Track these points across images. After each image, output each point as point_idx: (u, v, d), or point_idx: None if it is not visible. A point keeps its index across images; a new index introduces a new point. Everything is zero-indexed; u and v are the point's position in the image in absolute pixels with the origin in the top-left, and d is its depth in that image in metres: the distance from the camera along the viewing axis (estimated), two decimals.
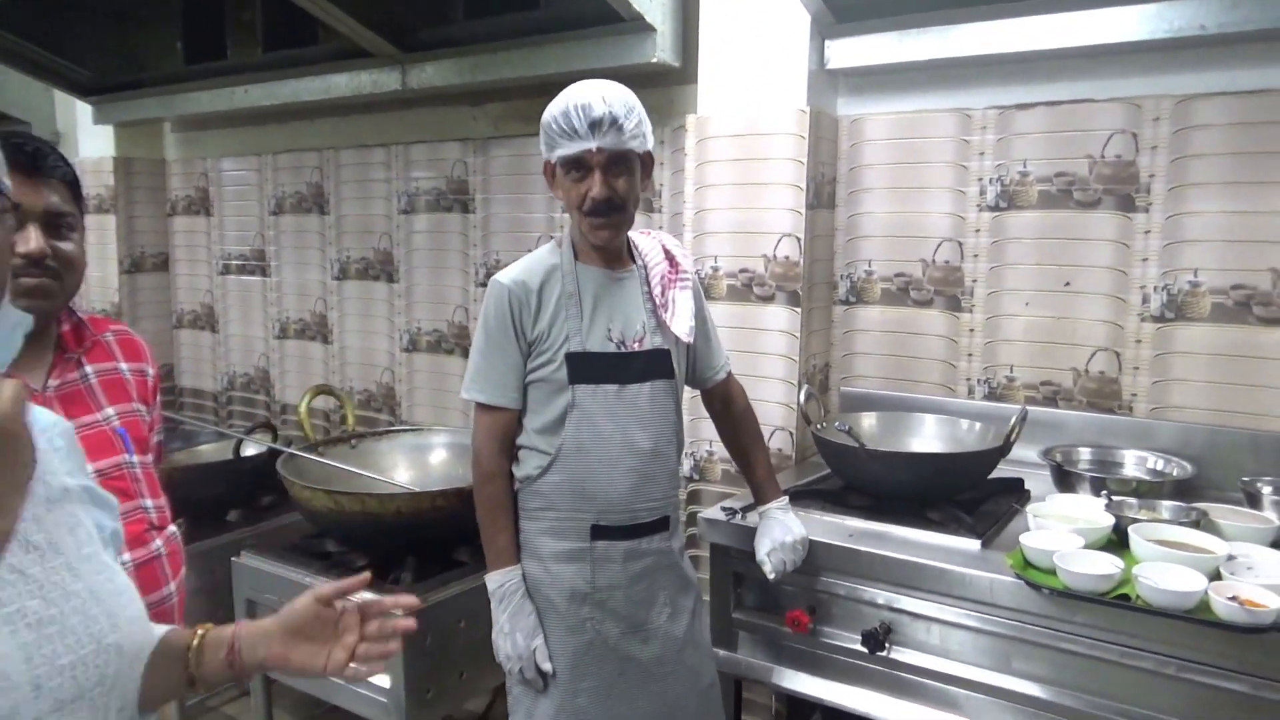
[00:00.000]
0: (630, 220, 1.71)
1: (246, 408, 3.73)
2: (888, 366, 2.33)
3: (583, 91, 1.62)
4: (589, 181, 1.62)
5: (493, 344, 1.69)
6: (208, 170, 3.74)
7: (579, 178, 1.63)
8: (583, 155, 1.60)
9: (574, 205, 1.65)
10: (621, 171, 1.63)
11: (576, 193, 1.63)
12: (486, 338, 1.70)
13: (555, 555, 1.68)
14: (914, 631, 1.66)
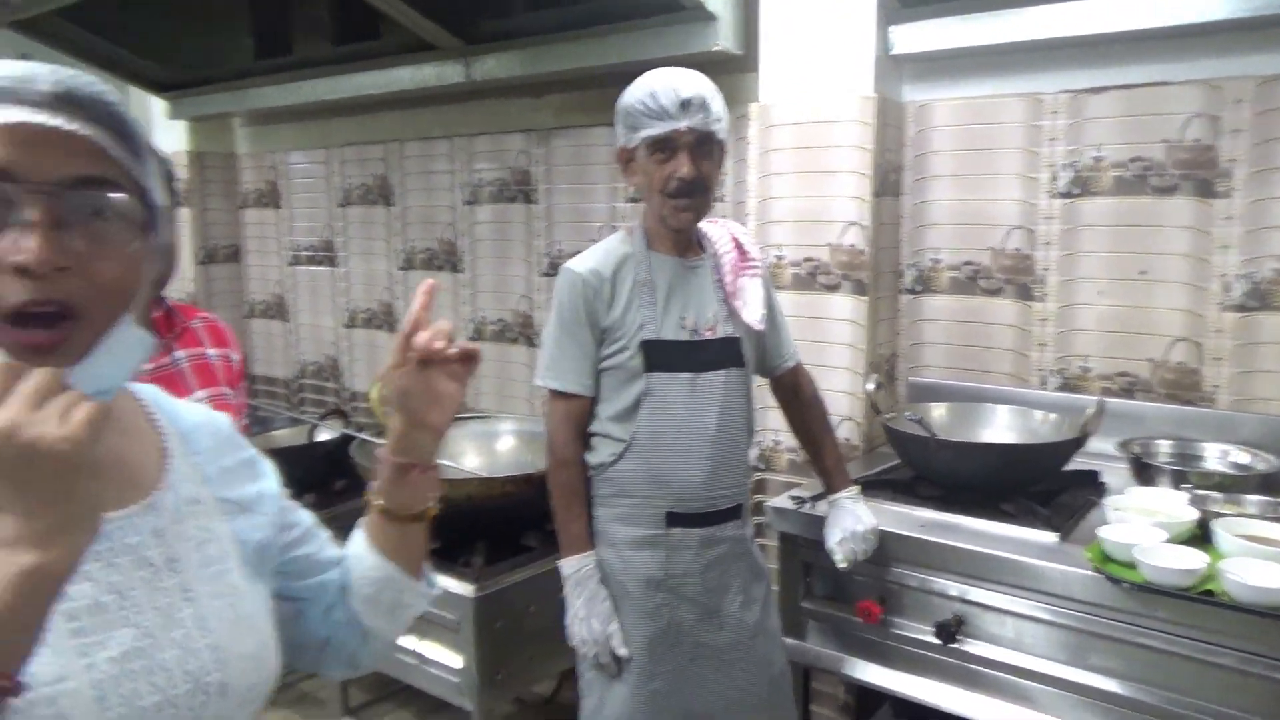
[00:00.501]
0: (710, 206, 1.72)
1: (317, 395, 3.83)
2: (956, 356, 2.31)
3: (668, 74, 1.64)
4: (675, 162, 1.63)
5: (566, 331, 1.71)
6: (277, 164, 3.82)
7: (664, 159, 1.64)
8: (671, 135, 1.61)
9: (656, 188, 1.65)
10: (706, 154, 1.65)
11: (661, 174, 1.64)
12: (560, 325, 1.72)
13: (629, 542, 1.70)
14: (987, 624, 1.65)
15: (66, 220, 0.68)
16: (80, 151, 0.70)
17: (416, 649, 2.20)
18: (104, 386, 0.68)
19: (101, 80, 0.73)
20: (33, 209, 0.66)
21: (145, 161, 0.75)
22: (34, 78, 0.69)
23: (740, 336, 1.75)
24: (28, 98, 0.68)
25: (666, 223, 1.70)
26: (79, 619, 0.70)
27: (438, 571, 2.20)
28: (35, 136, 0.68)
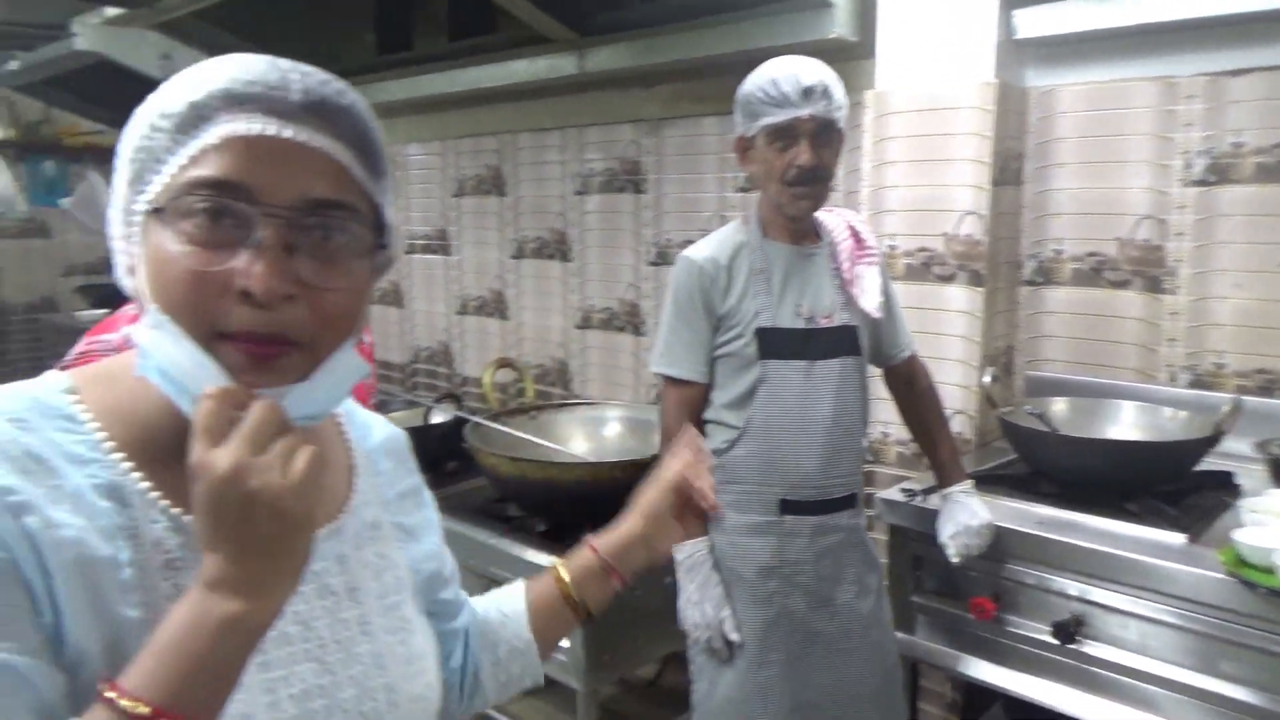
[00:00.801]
0: (827, 194, 1.71)
1: (429, 379, 3.96)
2: (1077, 350, 2.23)
3: (790, 62, 1.64)
4: (795, 150, 1.63)
5: (682, 319, 1.73)
6: (395, 155, 3.96)
7: (784, 147, 1.64)
8: (793, 122, 1.61)
9: (776, 176, 1.66)
10: (827, 142, 1.65)
11: (781, 162, 1.64)
12: (676, 313, 1.74)
13: (742, 528, 1.71)
14: (1108, 625, 1.60)
15: (297, 244, 0.64)
16: (321, 171, 0.66)
17: None
18: (316, 411, 0.67)
19: (350, 88, 0.70)
20: (265, 232, 0.63)
21: (384, 179, 0.71)
22: (285, 84, 0.65)
23: (857, 325, 1.74)
24: (277, 106, 0.64)
25: (784, 211, 1.70)
26: (265, 651, 0.67)
27: (547, 552, 2.27)
28: (277, 151, 0.64)
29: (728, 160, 2.79)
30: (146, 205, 0.65)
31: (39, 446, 0.62)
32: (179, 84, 0.66)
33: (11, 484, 0.59)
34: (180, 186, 0.63)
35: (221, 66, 0.66)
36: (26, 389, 0.66)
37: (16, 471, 0.60)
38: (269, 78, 0.65)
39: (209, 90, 0.64)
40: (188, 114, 0.64)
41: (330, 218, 0.66)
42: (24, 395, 0.66)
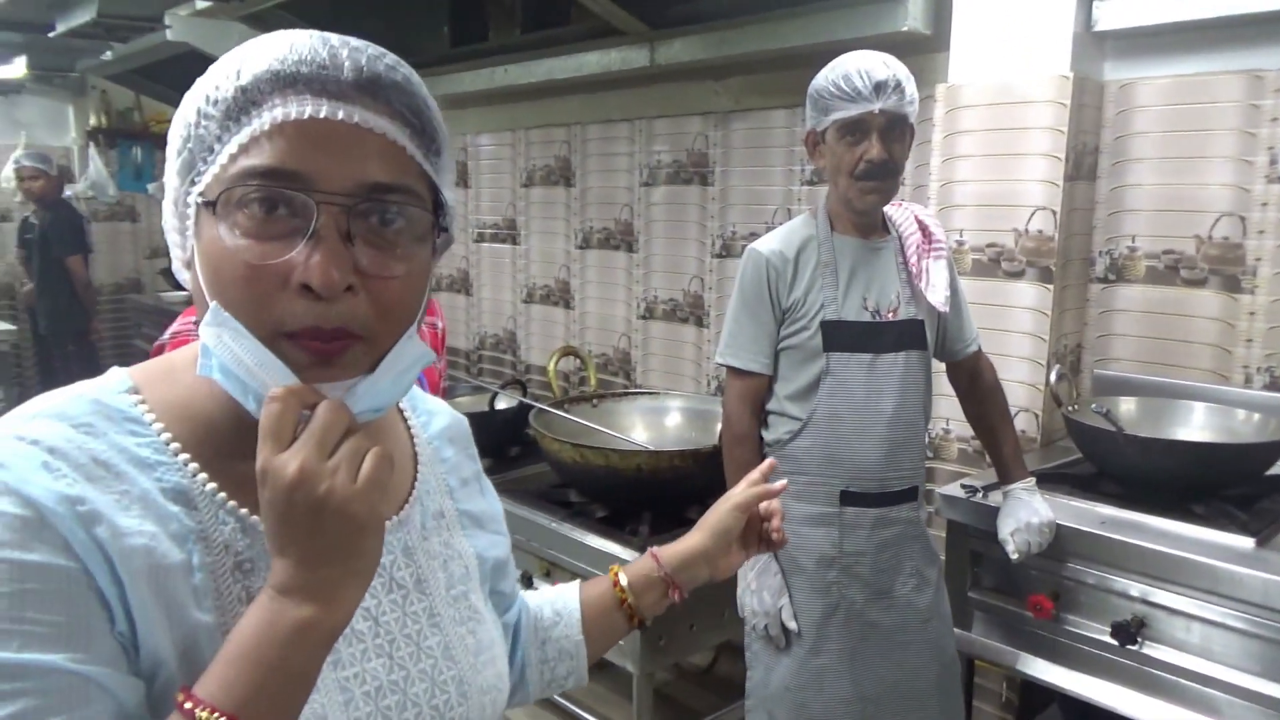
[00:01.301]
0: (896, 189, 1.72)
1: (494, 366, 4.03)
2: (1149, 349, 2.19)
3: (862, 56, 1.65)
4: (865, 145, 1.63)
5: (748, 310, 1.75)
6: (466, 145, 4.04)
7: (854, 141, 1.64)
8: (864, 117, 1.62)
9: (845, 170, 1.66)
10: (898, 137, 1.65)
11: (851, 156, 1.65)
12: (743, 304, 1.76)
13: (803, 519, 1.73)
14: (1171, 628, 1.57)
15: (354, 232, 0.61)
16: (378, 153, 0.63)
17: None
18: (381, 404, 0.65)
19: (401, 62, 0.67)
20: (322, 220, 0.60)
21: (441, 156, 0.68)
22: (336, 62, 0.62)
23: (923, 319, 1.74)
24: (329, 86, 0.61)
25: (852, 205, 1.70)
26: (337, 650, 0.66)
27: (606, 538, 2.30)
28: (330, 134, 0.61)
29: (795, 153, 2.79)
30: (199, 197, 0.62)
31: (105, 452, 0.61)
32: (225, 68, 0.63)
33: (81, 493, 0.57)
34: (232, 177, 0.60)
35: (268, 46, 0.63)
36: (89, 391, 0.65)
37: (85, 479, 0.58)
38: (318, 56, 0.61)
39: (255, 73, 0.61)
40: (236, 99, 0.61)
41: (389, 202, 0.63)
42: (87, 399, 0.64)
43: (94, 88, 6.25)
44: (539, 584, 2.41)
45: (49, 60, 5.03)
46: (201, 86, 0.64)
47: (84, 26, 3.57)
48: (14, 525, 0.55)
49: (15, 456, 0.57)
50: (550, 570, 2.39)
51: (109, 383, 0.66)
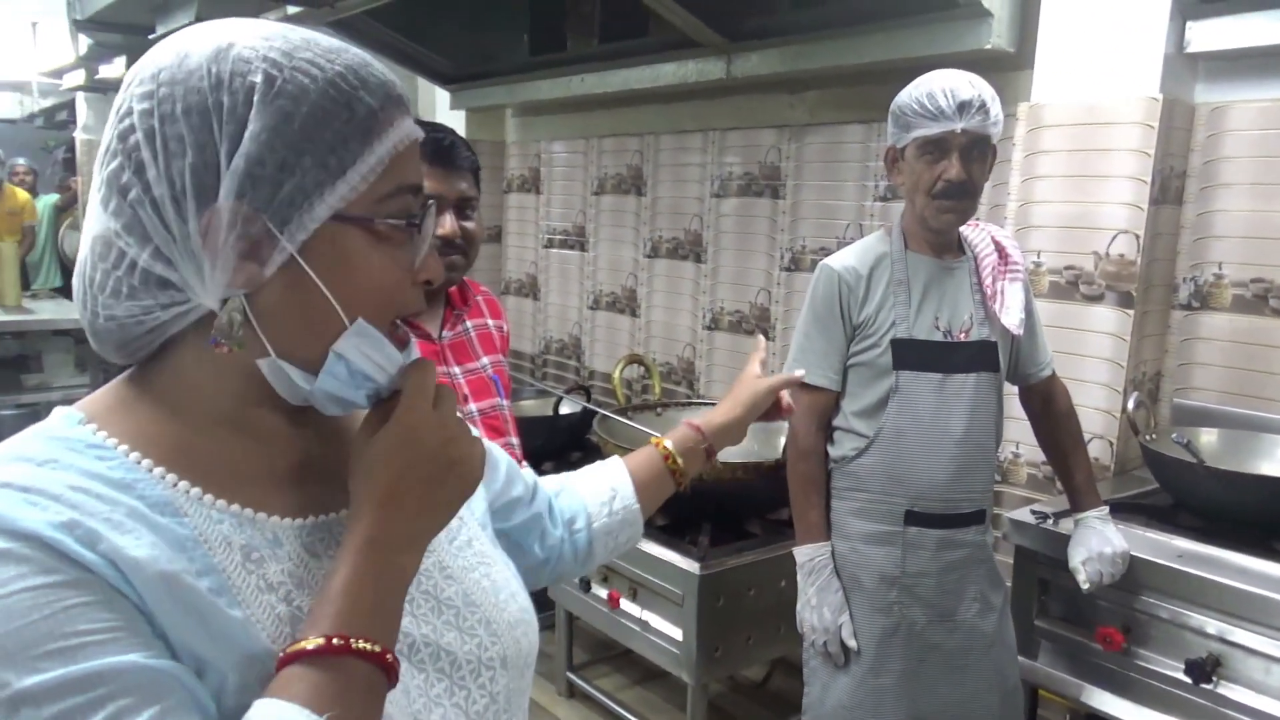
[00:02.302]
0: (974, 209, 1.70)
1: (559, 371, 4.07)
2: (1233, 380, 2.12)
3: (947, 75, 1.63)
4: (945, 164, 1.62)
5: (818, 326, 1.75)
6: (540, 152, 4.09)
7: (934, 160, 1.63)
8: (945, 136, 1.60)
9: (923, 189, 1.65)
10: (978, 157, 1.63)
11: (930, 175, 1.64)
12: (813, 319, 1.76)
13: (864, 536, 1.72)
14: (1248, 668, 1.52)
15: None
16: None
17: (641, 616, 2.31)
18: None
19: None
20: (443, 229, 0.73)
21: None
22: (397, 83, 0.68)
23: (996, 340, 1.72)
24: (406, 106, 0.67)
25: (928, 224, 1.69)
26: None
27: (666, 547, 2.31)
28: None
29: (869, 168, 2.77)
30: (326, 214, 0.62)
31: (79, 480, 0.59)
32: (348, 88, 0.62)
33: (72, 518, 0.56)
34: (386, 193, 0.64)
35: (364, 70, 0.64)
36: (41, 431, 0.63)
37: (69, 507, 0.57)
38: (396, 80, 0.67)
39: (386, 93, 0.64)
40: (366, 118, 0.62)
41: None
42: (42, 437, 0.62)
43: None
44: (597, 589, 2.43)
45: None
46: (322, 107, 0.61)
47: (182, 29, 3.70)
48: (23, 558, 0.54)
49: (11, 494, 0.56)
50: (608, 576, 2.40)
51: (58, 420, 0.65)
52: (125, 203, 0.61)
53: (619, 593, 2.37)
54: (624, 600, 2.35)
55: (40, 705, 0.51)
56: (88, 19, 4.35)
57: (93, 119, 6.66)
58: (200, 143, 0.59)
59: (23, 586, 0.53)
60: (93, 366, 5.01)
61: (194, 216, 0.60)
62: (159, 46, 0.64)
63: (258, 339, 0.63)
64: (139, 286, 0.62)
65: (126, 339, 0.64)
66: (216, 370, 0.65)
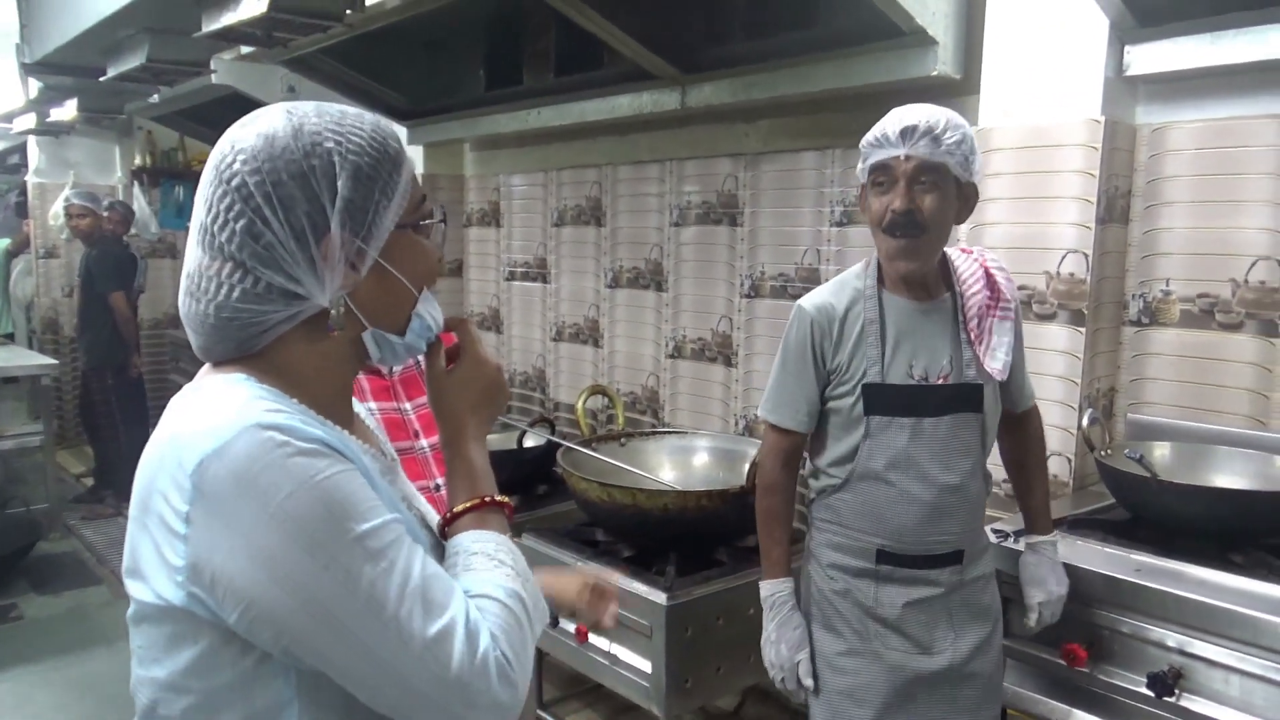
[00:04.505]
0: (935, 249, 1.61)
1: (523, 403, 4.05)
2: (1184, 394, 2.16)
3: (908, 107, 1.58)
4: (893, 194, 1.55)
5: (789, 368, 1.70)
6: (499, 185, 4.10)
7: (883, 190, 1.57)
8: (889, 162, 1.54)
9: (875, 221, 1.59)
10: (930, 188, 1.54)
11: (880, 205, 1.57)
12: (784, 361, 1.71)
13: (839, 566, 1.69)
14: (1209, 680, 1.54)
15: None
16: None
17: (609, 650, 2.29)
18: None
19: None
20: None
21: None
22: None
23: (982, 383, 1.65)
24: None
25: (887, 268, 1.63)
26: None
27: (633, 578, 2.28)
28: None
29: (824, 194, 2.80)
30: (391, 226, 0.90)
31: (300, 415, 0.86)
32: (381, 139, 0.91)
33: (324, 433, 0.85)
34: (414, 204, 0.93)
35: (382, 124, 0.93)
36: (234, 390, 0.86)
37: (319, 426, 0.86)
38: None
39: (397, 137, 0.93)
40: (394, 161, 0.91)
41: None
42: (240, 394, 0.86)
43: (140, 128, 6.43)
44: (565, 623, 2.41)
45: (99, 102, 5.19)
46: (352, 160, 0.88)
47: (134, 71, 3.68)
48: (325, 454, 0.82)
49: (283, 421, 0.82)
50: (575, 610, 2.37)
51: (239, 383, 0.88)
52: (258, 245, 0.86)
53: (587, 627, 2.34)
54: (592, 634, 2.33)
55: (373, 539, 0.81)
56: (37, 62, 4.31)
57: (44, 162, 6.57)
58: (308, 196, 0.86)
59: (338, 469, 0.82)
60: (46, 414, 4.92)
61: (314, 245, 0.86)
62: (241, 134, 0.88)
63: (355, 321, 0.91)
64: (264, 295, 0.87)
65: (247, 335, 0.88)
66: (322, 358, 0.92)
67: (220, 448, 0.79)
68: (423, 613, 0.81)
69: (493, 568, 0.90)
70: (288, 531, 0.78)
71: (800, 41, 2.61)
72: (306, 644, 0.80)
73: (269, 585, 0.78)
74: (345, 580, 0.79)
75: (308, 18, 2.58)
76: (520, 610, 0.89)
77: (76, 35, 3.71)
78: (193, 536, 0.79)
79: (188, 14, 2.87)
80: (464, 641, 0.82)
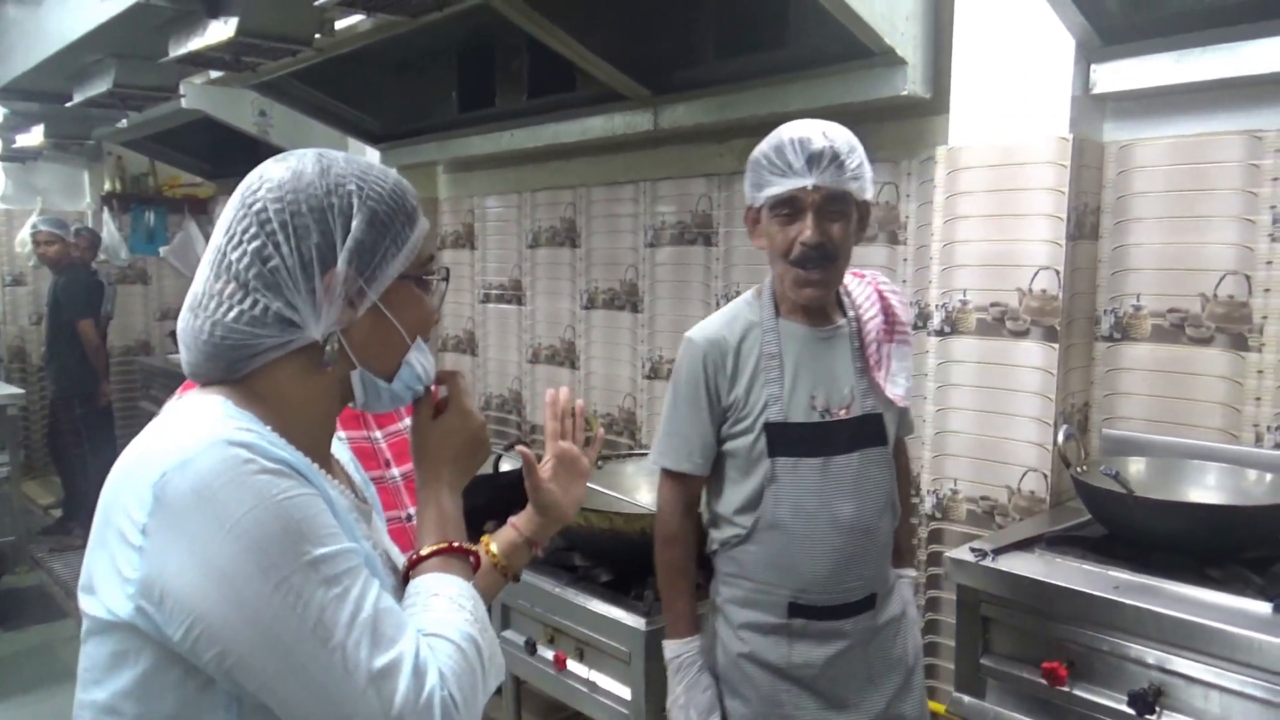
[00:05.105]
0: (842, 273, 1.57)
1: (500, 426, 4.02)
2: (1157, 408, 2.17)
3: (800, 126, 1.51)
4: (800, 225, 1.49)
5: (681, 407, 1.61)
6: (474, 207, 4.09)
7: (787, 221, 1.50)
8: (796, 194, 1.47)
9: (780, 253, 1.52)
10: (837, 216, 1.50)
11: (784, 237, 1.50)
12: (675, 400, 1.62)
13: (749, 625, 1.61)
14: (1189, 697, 1.53)
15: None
16: None
17: (588, 677, 2.26)
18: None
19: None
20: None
21: None
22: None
23: (881, 412, 1.60)
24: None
25: (789, 296, 1.56)
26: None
27: (610, 603, 2.26)
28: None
29: None
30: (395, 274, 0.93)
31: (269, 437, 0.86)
32: (401, 193, 0.96)
33: (290, 456, 0.85)
34: (424, 260, 0.98)
35: (403, 182, 0.98)
36: (207, 410, 0.87)
37: (285, 449, 0.86)
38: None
39: (415, 195, 0.98)
40: (408, 213, 0.96)
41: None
42: (212, 414, 0.86)
43: (109, 153, 6.37)
44: (543, 650, 2.37)
45: (66, 128, 5.14)
46: (370, 205, 0.92)
47: (100, 96, 3.65)
48: (289, 475, 0.82)
49: (252, 440, 0.82)
50: (554, 637, 2.35)
51: (214, 404, 0.88)
52: (265, 268, 0.88)
53: (565, 654, 2.31)
54: (570, 661, 2.29)
55: (328, 564, 0.81)
56: (4, 88, 4.26)
57: (11, 189, 6.48)
58: (322, 230, 0.89)
59: (301, 492, 0.82)
60: (12, 445, 4.82)
61: (318, 277, 0.89)
62: (272, 168, 0.92)
63: (346, 360, 0.93)
64: (260, 319, 0.88)
65: (237, 358, 0.89)
66: (307, 393, 0.93)
67: (185, 461, 0.79)
68: (371, 644, 0.80)
69: (452, 611, 0.90)
70: (242, 548, 0.77)
71: (771, 62, 2.62)
72: (249, 667, 0.78)
73: (217, 601, 0.77)
74: (295, 603, 0.78)
75: (276, 42, 2.57)
76: (474, 654, 0.89)
77: (42, 60, 3.67)
78: (148, 549, 0.78)
79: (154, 39, 2.85)
80: (410, 678, 0.81)
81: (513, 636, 2.45)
